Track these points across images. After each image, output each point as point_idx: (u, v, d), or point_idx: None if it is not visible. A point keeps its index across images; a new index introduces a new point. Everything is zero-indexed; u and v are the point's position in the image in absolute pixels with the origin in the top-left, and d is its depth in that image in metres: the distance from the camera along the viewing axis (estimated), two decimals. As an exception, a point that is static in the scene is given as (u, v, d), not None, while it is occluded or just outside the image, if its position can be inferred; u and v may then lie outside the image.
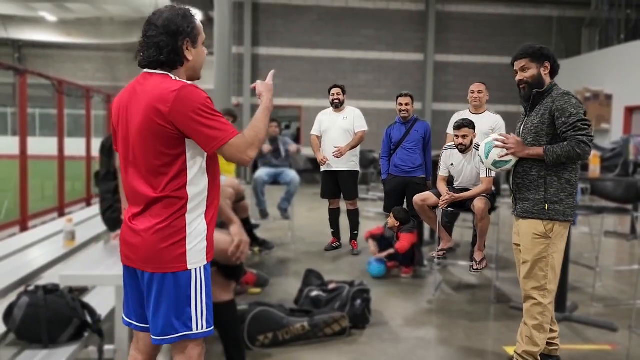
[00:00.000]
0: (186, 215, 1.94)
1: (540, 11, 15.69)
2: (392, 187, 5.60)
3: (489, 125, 4.92)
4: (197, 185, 1.97)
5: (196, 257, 1.97)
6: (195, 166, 1.96)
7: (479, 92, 5.08)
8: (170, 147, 1.90)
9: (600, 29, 14.94)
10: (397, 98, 5.65)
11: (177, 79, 1.93)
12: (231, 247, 2.39)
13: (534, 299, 2.98)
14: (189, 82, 1.93)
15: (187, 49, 1.98)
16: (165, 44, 1.92)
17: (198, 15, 2.05)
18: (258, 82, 2.20)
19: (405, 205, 5.66)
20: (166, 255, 1.92)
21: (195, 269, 1.96)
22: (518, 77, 3.04)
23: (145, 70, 1.99)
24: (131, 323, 2.11)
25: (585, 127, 2.83)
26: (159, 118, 1.86)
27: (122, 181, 2.08)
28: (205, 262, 2.01)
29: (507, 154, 3.03)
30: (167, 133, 1.88)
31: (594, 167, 4.47)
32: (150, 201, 1.94)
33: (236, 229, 2.40)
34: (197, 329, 1.97)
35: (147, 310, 1.98)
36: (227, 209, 2.54)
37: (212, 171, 2.03)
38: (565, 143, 2.84)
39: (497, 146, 3.06)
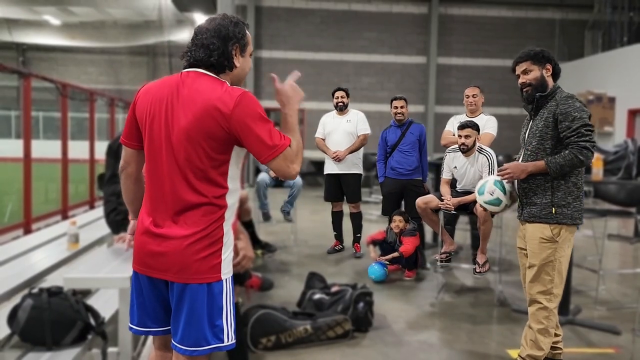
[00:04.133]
0: (223, 224, 1.90)
1: (542, 14, 15.69)
2: (390, 189, 5.62)
3: (482, 126, 4.91)
4: (233, 193, 1.93)
5: (227, 267, 1.93)
6: (234, 174, 1.93)
7: (473, 96, 5.08)
8: (219, 152, 1.85)
9: (603, 31, 14.92)
10: (392, 101, 5.70)
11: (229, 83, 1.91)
12: (236, 259, 2.36)
13: (540, 303, 2.97)
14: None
15: (235, 55, 1.94)
16: (215, 46, 1.89)
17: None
18: (284, 82, 2.00)
19: (403, 208, 5.67)
20: (203, 265, 1.86)
21: (226, 279, 1.92)
22: (521, 80, 3.05)
23: (189, 69, 1.93)
24: (149, 330, 2.02)
25: (589, 132, 2.83)
26: (218, 120, 1.81)
27: (147, 183, 1.97)
28: (232, 273, 1.97)
29: (506, 178, 3.09)
30: (222, 136, 1.83)
31: (597, 170, 4.46)
32: (189, 207, 1.87)
33: (243, 243, 2.39)
34: (227, 341, 1.92)
35: (174, 320, 1.91)
36: (237, 221, 2.54)
37: (241, 180, 2.00)
38: (567, 152, 2.83)
39: (501, 177, 3.14)
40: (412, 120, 5.70)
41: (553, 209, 2.92)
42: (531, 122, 3.08)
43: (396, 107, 5.61)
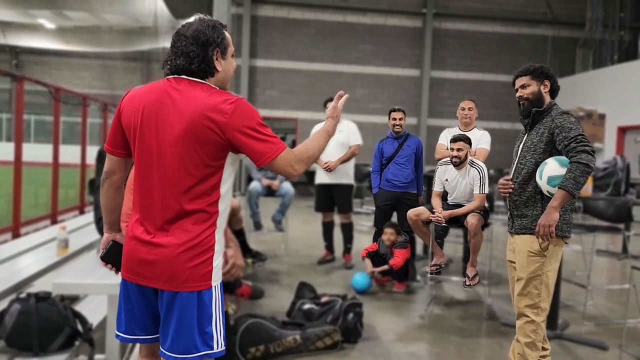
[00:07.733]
0: (215, 231, 1.90)
1: (535, 31, 15.89)
2: (384, 201, 5.62)
3: (476, 140, 4.94)
4: (225, 200, 1.92)
5: (217, 275, 1.92)
6: (228, 181, 1.92)
7: (469, 109, 5.11)
8: (214, 159, 1.85)
9: (594, 49, 15.14)
10: (390, 113, 5.69)
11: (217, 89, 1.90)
12: (225, 267, 2.34)
13: (527, 316, 2.99)
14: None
15: (216, 59, 1.92)
16: (195, 54, 1.87)
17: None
18: (331, 104, 2.24)
19: (396, 221, 5.68)
20: (195, 273, 1.85)
21: (216, 286, 1.92)
22: (518, 94, 3.09)
23: (176, 75, 1.90)
24: (136, 338, 2.01)
25: (585, 139, 2.83)
26: (213, 127, 1.80)
27: (135, 191, 1.94)
28: (222, 280, 1.97)
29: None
30: (217, 143, 1.82)
31: (586, 185, 4.51)
32: (180, 215, 1.85)
33: (232, 251, 2.38)
34: (216, 348, 1.91)
35: (164, 327, 1.90)
36: (228, 229, 2.52)
37: (233, 187, 2.00)
38: (570, 166, 2.76)
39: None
40: (408, 133, 5.72)
41: None
42: (526, 137, 3.11)
43: (395, 119, 5.61)
